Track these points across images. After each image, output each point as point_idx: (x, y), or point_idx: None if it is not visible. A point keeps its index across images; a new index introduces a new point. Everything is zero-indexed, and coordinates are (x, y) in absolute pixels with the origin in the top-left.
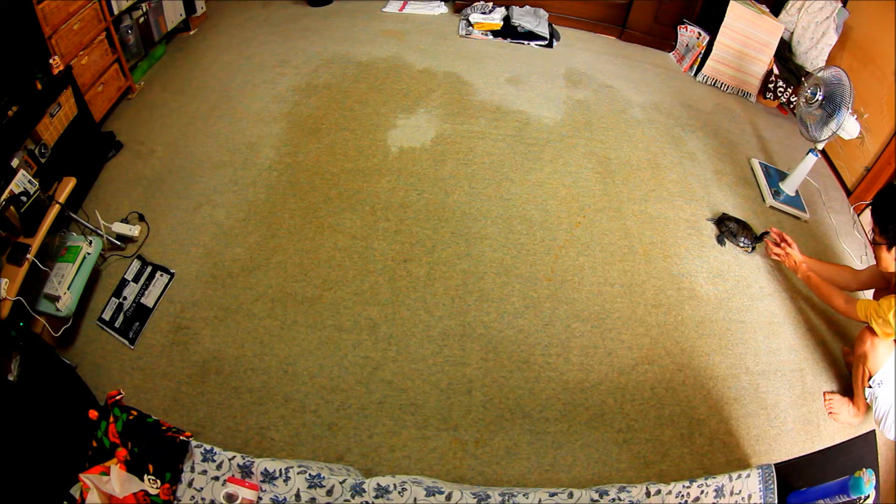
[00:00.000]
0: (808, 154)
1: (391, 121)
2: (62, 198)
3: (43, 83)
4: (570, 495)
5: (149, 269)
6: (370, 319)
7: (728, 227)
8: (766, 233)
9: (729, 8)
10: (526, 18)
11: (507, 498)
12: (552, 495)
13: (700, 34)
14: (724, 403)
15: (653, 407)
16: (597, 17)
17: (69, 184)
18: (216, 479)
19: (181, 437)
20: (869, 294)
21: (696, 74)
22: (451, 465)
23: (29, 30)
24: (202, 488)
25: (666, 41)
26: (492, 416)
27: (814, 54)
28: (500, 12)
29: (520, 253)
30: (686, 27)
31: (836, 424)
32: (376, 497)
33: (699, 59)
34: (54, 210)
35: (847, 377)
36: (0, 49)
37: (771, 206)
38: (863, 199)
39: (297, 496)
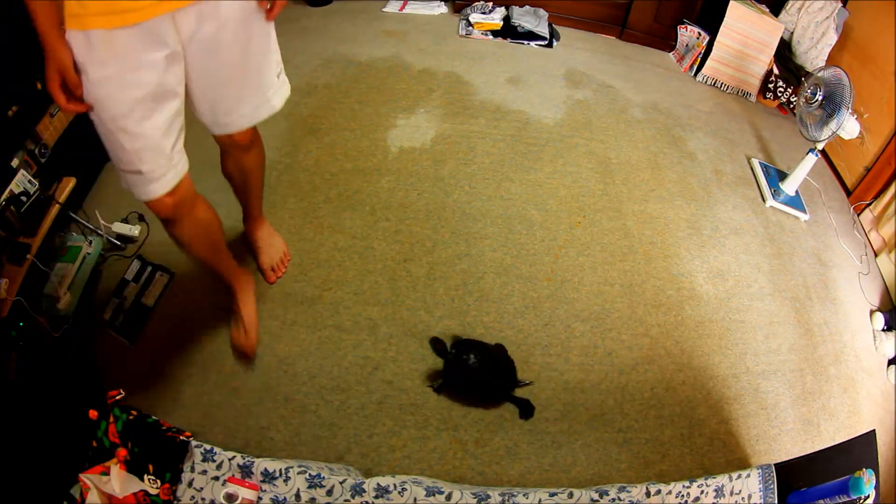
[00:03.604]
0: (808, 154)
1: (391, 121)
2: (62, 198)
3: (43, 83)
4: (570, 495)
5: (149, 269)
6: (370, 319)
7: None
8: None
9: (729, 8)
10: (526, 18)
11: (507, 498)
12: (552, 495)
13: (700, 34)
14: (724, 403)
15: (653, 407)
16: (597, 17)
17: (69, 184)
18: (216, 479)
19: (181, 437)
20: None
21: (696, 74)
22: (451, 465)
23: (29, 29)
24: (202, 488)
25: (666, 41)
26: (492, 416)
27: (814, 54)
28: (500, 12)
29: (520, 253)
30: (686, 27)
31: (836, 424)
32: (376, 497)
33: (699, 59)
34: (54, 210)
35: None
36: (0, 49)
37: (771, 207)
38: (863, 199)
39: (297, 496)
